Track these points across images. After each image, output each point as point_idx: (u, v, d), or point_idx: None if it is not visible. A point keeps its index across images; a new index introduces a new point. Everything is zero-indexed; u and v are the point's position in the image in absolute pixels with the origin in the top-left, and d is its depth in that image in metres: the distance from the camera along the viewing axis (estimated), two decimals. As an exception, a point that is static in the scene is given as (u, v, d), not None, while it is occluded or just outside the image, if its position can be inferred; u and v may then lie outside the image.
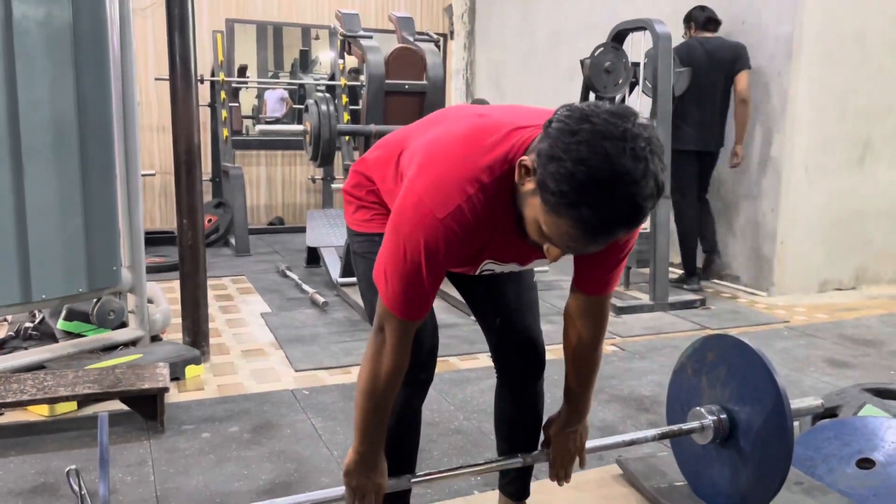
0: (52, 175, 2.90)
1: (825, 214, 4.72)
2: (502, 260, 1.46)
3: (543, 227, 1.16)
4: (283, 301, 4.38)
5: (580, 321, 1.59)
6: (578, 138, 1.08)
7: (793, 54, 4.49)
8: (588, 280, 1.54)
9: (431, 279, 1.31)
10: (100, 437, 1.27)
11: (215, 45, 6.43)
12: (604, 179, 1.06)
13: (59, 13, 2.87)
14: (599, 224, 1.09)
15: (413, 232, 1.27)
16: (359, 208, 1.63)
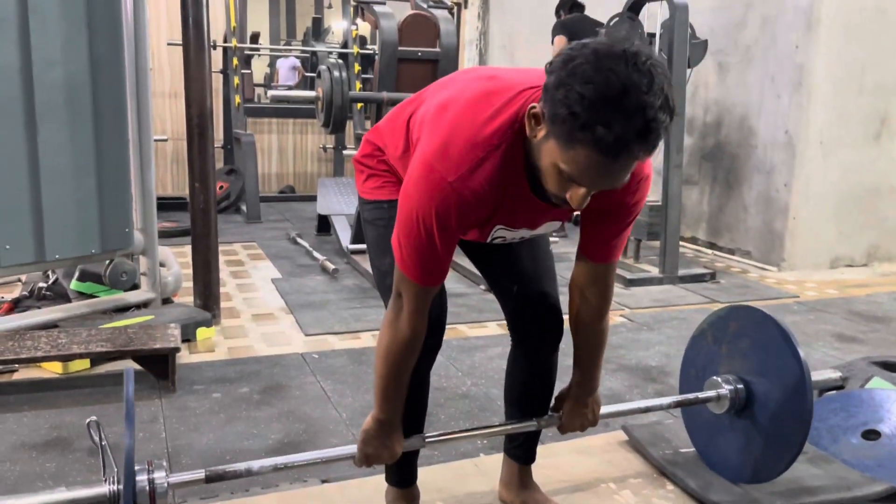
0: (66, 136, 2.92)
1: (839, 190, 4.69)
2: (513, 225, 1.46)
3: (563, 167, 1.15)
4: (293, 267, 4.40)
5: (587, 290, 1.57)
6: (580, 61, 1.08)
7: (811, 26, 4.42)
8: (595, 246, 1.52)
9: (445, 245, 1.32)
10: (126, 390, 1.29)
11: (228, 11, 6.39)
12: (612, 94, 1.05)
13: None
14: (615, 141, 1.07)
15: (424, 197, 1.27)
16: (369, 177, 1.63)
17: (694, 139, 5.28)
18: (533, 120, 1.19)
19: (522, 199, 1.35)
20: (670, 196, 4.27)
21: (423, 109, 1.46)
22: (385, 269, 1.57)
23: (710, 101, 5.17)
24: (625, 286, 4.16)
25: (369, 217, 1.65)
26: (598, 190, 1.19)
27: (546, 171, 1.20)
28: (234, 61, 6.35)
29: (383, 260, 1.58)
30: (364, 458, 1.52)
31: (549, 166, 1.18)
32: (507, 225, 1.45)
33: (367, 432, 1.50)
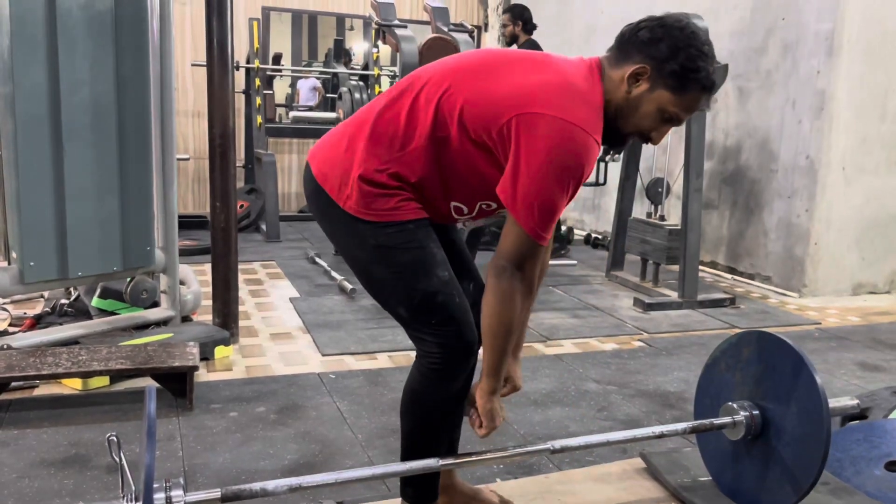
0: (91, 155, 2.97)
1: (861, 216, 4.64)
2: None
3: (671, 109, 1.51)
4: (311, 287, 4.42)
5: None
6: (689, 30, 1.48)
7: (833, 52, 4.41)
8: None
9: (568, 202, 1.52)
10: (147, 408, 1.30)
11: (251, 32, 6.49)
12: (704, 49, 1.49)
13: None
14: (713, 81, 1.50)
15: (572, 153, 1.44)
16: (379, 197, 1.54)
17: (714, 163, 5.26)
18: (632, 79, 1.50)
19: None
20: (690, 220, 4.25)
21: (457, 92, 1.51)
22: (433, 290, 1.56)
23: (731, 126, 5.16)
24: (643, 310, 4.14)
25: (393, 242, 1.56)
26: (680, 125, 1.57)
27: (645, 116, 1.53)
28: (256, 82, 6.43)
29: (428, 281, 1.56)
30: (489, 415, 1.63)
31: (654, 111, 1.52)
32: None
33: (484, 395, 1.62)
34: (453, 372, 1.62)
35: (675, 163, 4.77)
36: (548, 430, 2.52)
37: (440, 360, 1.59)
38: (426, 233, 1.60)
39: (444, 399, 1.65)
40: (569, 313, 4.05)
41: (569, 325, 3.81)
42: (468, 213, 1.66)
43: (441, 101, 1.51)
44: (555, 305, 4.19)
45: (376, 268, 1.59)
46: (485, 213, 1.68)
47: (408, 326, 1.63)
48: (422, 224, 1.59)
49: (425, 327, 1.58)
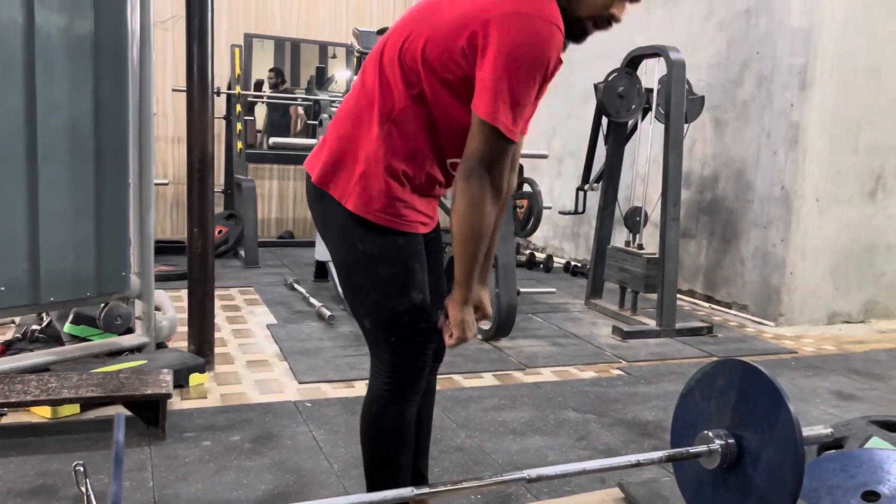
0: (67, 179, 2.93)
1: (836, 246, 4.71)
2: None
3: None
4: (289, 313, 4.39)
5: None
6: None
7: (806, 85, 4.50)
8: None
9: (537, 94, 1.49)
10: (115, 436, 1.27)
11: (233, 58, 6.50)
12: None
13: (81, 21, 2.91)
14: None
15: (538, 43, 1.42)
16: (378, 197, 1.55)
17: (691, 193, 5.32)
18: None
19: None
20: (667, 249, 4.28)
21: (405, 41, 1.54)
22: (402, 309, 1.58)
23: (708, 156, 5.23)
24: (622, 339, 4.14)
25: (379, 252, 1.57)
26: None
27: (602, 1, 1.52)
28: (237, 108, 6.43)
29: (400, 300, 1.57)
30: (460, 325, 1.57)
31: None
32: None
33: (456, 305, 1.57)
34: (403, 393, 1.64)
35: (653, 191, 4.82)
36: (526, 459, 2.50)
37: (390, 380, 1.63)
38: (414, 251, 1.62)
39: (395, 421, 1.65)
40: (548, 341, 4.04)
41: (548, 353, 3.80)
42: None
43: (402, 53, 1.53)
44: (534, 333, 4.19)
45: (357, 274, 1.61)
46: None
47: (368, 339, 1.67)
48: (412, 241, 1.61)
49: (385, 344, 1.61)
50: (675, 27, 5.45)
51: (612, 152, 4.80)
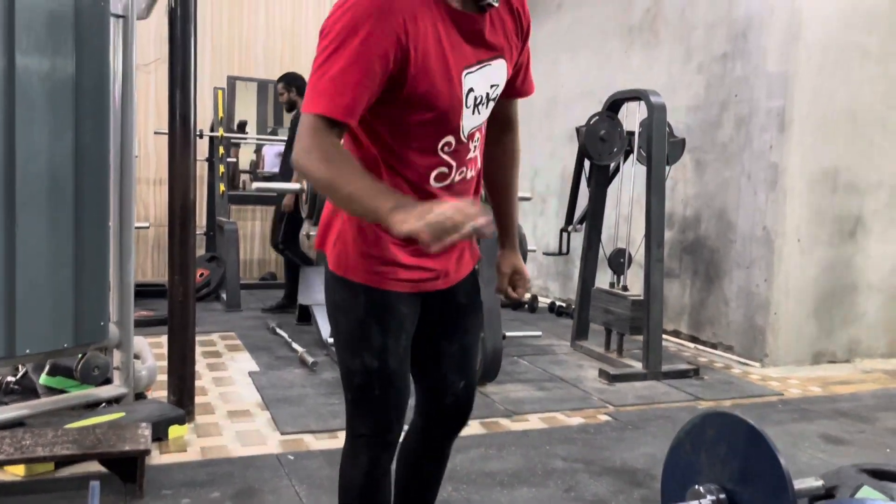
0: (45, 227, 2.88)
1: (818, 286, 4.73)
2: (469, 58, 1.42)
3: None
4: (271, 359, 4.32)
5: (507, 126, 1.69)
6: None
7: (785, 127, 4.56)
8: (525, 81, 1.64)
9: (365, 64, 1.28)
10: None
11: (216, 101, 6.51)
12: None
13: (63, 66, 2.89)
14: None
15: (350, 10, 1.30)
16: (344, 247, 1.51)
17: (674, 233, 5.35)
18: None
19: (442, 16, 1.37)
20: (652, 291, 4.28)
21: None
22: (354, 369, 1.52)
23: (689, 196, 5.27)
24: (609, 382, 4.11)
25: (342, 304, 1.52)
26: None
27: None
28: (220, 150, 6.42)
29: (353, 359, 1.52)
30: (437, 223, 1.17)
31: None
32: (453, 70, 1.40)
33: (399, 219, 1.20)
34: (355, 454, 1.59)
35: (636, 231, 4.84)
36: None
37: (347, 438, 1.61)
38: (378, 310, 1.51)
39: (354, 480, 1.59)
40: (535, 385, 4.00)
41: (535, 398, 3.76)
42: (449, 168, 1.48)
43: None
44: (520, 377, 4.15)
45: (332, 322, 1.59)
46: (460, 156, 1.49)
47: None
48: (380, 298, 1.50)
49: (346, 396, 1.58)
50: (655, 69, 5.53)
51: (595, 194, 4.82)
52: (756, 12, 4.72)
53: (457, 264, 1.61)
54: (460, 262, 1.63)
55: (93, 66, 3.00)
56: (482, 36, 1.44)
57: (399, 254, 1.50)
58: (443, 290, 1.60)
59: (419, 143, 1.44)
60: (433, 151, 1.45)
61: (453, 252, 1.58)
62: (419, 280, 1.54)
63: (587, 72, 6.30)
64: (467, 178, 1.53)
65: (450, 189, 1.49)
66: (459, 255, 1.62)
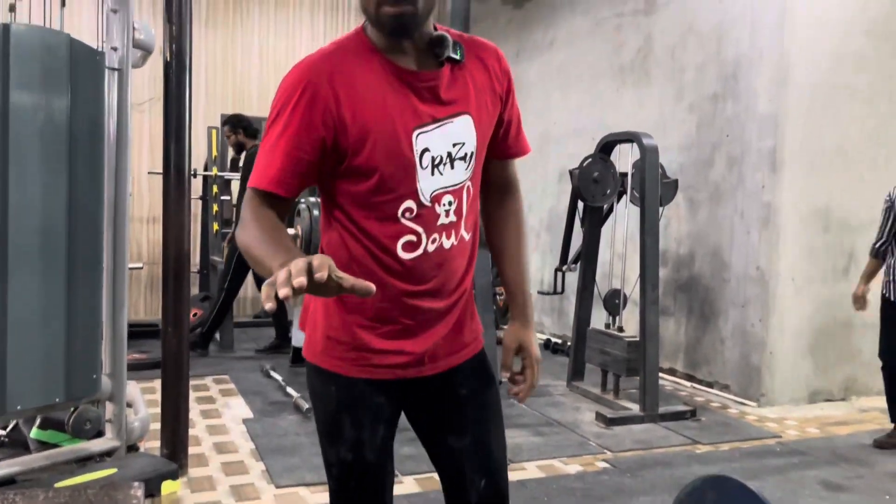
0: (38, 282, 2.86)
1: (813, 325, 4.73)
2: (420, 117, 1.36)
3: None
4: (265, 405, 4.28)
5: (507, 186, 1.63)
6: None
7: (776, 167, 4.59)
8: (517, 141, 1.59)
9: (293, 134, 1.29)
10: None
11: (210, 140, 6.52)
12: None
13: (58, 121, 2.88)
14: None
15: (286, 79, 1.34)
16: (318, 336, 1.46)
17: (668, 271, 5.35)
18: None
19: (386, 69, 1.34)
20: (648, 332, 4.27)
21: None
22: (330, 461, 1.47)
23: (683, 235, 5.29)
24: (606, 426, 4.09)
25: (317, 392, 1.47)
26: None
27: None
28: (213, 189, 6.41)
29: (329, 449, 1.46)
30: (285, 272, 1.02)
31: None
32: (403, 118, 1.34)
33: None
34: None
35: (630, 269, 4.84)
36: (513, 572, 2.41)
37: None
38: (350, 399, 1.44)
39: None
40: (531, 430, 3.97)
41: (532, 445, 3.72)
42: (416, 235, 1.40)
43: None
44: (517, 421, 4.11)
45: (312, 407, 1.54)
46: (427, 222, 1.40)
47: None
48: (348, 385, 1.43)
49: (329, 484, 1.51)
50: (647, 108, 5.58)
51: (589, 235, 4.83)
52: (745, 54, 4.78)
53: (446, 347, 1.47)
54: (452, 345, 1.49)
55: (88, 120, 2.99)
56: (437, 93, 1.37)
57: (368, 337, 1.41)
58: (435, 378, 1.48)
59: (378, 211, 1.37)
60: (394, 219, 1.37)
61: (434, 332, 1.45)
62: (395, 366, 1.43)
63: (579, 109, 6.35)
64: (445, 246, 1.41)
65: (426, 259, 1.39)
66: (451, 335, 1.48)
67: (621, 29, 5.87)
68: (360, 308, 1.41)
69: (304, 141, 1.30)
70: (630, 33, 5.78)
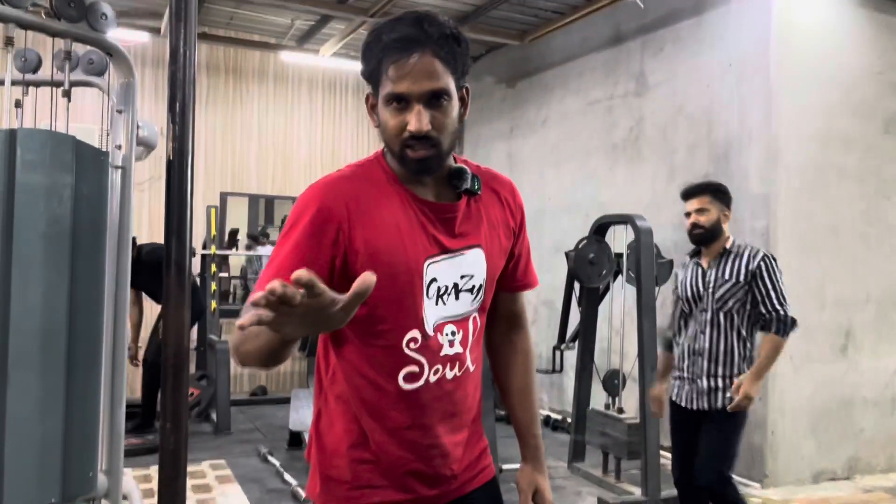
0: (37, 383, 2.85)
1: (813, 404, 4.72)
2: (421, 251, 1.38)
3: (389, 90, 1.30)
4: (262, 494, 4.22)
5: (515, 322, 1.62)
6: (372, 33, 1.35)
7: (769, 246, 4.64)
8: (526, 273, 1.59)
9: (301, 251, 1.30)
10: None
11: (209, 219, 6.58)
12: (386, 22, 1.34)
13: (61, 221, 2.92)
14: (399, 38, 1.29)
15: (298, 203, 1.37)
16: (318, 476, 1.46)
17: (666, 347, 5.34)
18: (369, 109, 1.39)
19: (403, 198, 1.38)
20: (648, 415, 4.24)
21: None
22: None
23: (680, 312, 5.30)
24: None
25: None
26: (423, 90, 1.29)
27: (386, 123, 1.33)
28: (212, 267, 6.45)
29: None
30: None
31: (385, 111, 1.33)
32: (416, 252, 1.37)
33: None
34: None
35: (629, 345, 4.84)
36: None
37: None
38: None
39: None
40: None
41: None
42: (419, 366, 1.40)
43: None
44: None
45: None
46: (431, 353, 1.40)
47: None
48: None
49: None
50: (640, 186, 5.67)
51: (586, 315, 4.85)
52: (735, 136, 4.89)
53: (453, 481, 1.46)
54: (462, 474, 1.48)
55: (92, 220, 3.02)
56: (452, 225, 1.40)
57: (369, 475, 1.40)
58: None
59: (383, 339, 1.37)
60: (398, 348, 1.38)
61: (439, 466, 1.44)
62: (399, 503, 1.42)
63: (572, 185, 6.44)
64: (447, 377, 1.41)
65: (426, 390, 1.39)
66: (457, 466, 1.46)
67: (613, 110, 6.01)
68: (362, 443, 1.40)
69: (312, 258, 1.29)
70: (622, 113, 5.92)
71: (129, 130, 3.28)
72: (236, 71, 7.46)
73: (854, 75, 4.87)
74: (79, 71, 3.15)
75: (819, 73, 4.76)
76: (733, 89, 4.91)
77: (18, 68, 3.09)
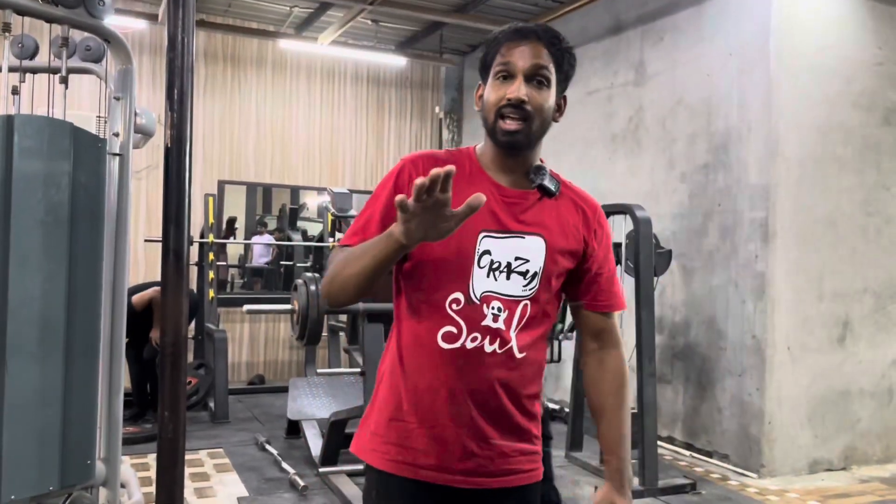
0: (35, 371, 2.85)
1: (810, 394, 4.73)
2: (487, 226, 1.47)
3: (498, 68, 1.46)
4: (260, 482, 4.22)
5: (608, 342, 1.59)
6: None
7: (769, 238, 4.65)
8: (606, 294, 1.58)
9: (385, 202, 1.46)
10: None
11: (206, 207, 6.56)
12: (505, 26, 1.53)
13: (59, 209, 2.91)
14: (516, 29, 1.49)
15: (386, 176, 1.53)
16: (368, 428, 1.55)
17: (664, 338, 5.36)
18: (477, 99, 1.53)
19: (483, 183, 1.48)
20: (646, 405, 4.26)
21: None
22: None
23: (678, 302, 5.31)
24: (605, 502, 4.04)
25: (366, 493, 1.56)
26: (527, 65, 1.46)
27: (488, 98, 1.47)
28: (210, 256, 6.43)
29: None
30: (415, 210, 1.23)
31: (490, 88, 1.48)
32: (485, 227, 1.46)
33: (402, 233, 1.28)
34: None
35: (626, 334, 4.84)
36: None
37: None
38: (387, 495, 1.50)
39: None
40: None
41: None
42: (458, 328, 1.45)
43: None
44: (515, 498, 4.06)
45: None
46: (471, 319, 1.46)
47: None
48: (392, 488, 1.47)
49: None
50: (639, 176, 5.66)
51: (585, 304, 4.84)
52: (734, 127, 4.88)
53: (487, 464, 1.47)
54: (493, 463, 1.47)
55: (89, 208, 3.01)
56: (517, 210, 1.49)
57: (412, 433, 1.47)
58: (477, 497, 1.47)
59: (428, 294, 1.45)
60: (440, 306, 1.44)
61: (465, 437, 1.45)
62: (422, 466, 1.46)
63: (571, 175, 6.30)
64: (486, 350, 1.43)
65: (461, 354, 1.43)
66: (491, 452, 1.47)
67: (612, 99, 6.00)
68: (399, 403, 1.49)
69: (389, 207, 1.43)
70: (621, 103, 5.90)
71: (127, 118, 3.26)
72: (234, 59, 7.43)
73: (854, 66, 4.86)
74: (76, 58, 3.13)
75: (819, 64, 4.75)
76: (733, 80, 4.89)
77: (15, 55, 3.07)
